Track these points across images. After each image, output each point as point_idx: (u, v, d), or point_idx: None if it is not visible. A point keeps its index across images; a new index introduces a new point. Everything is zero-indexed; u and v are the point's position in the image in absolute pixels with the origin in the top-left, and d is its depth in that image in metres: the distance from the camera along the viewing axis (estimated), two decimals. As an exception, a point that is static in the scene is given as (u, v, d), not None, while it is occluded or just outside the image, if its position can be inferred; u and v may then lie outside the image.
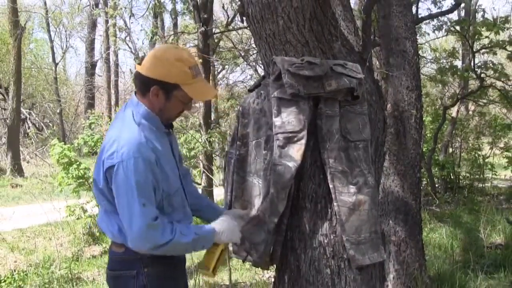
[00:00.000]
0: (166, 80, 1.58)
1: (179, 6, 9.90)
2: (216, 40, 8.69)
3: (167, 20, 19.47)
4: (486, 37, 7.21)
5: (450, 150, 10.06)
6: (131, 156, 1.50)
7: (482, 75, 7.51)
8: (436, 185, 8.74)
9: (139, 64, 1.62)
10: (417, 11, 6.62)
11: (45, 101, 20.05)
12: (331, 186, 1.89)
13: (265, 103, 1.99)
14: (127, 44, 15.86)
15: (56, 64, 19.77)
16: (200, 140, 7.14)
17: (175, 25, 15.44)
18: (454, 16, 10.90)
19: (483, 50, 7.86)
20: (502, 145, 9.99)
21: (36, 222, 6.66)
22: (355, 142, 1.93)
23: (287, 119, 1.88)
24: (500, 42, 7.05)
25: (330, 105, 1.92)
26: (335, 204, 1.89)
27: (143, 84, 1.61)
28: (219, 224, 1.75)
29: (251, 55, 9.02)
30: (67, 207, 5.65)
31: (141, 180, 1.50)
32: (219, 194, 7.68)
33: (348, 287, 1.90)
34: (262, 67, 2.42)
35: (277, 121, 1.89)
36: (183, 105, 1.67)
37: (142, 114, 1.62)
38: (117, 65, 16.67)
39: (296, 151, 1.86)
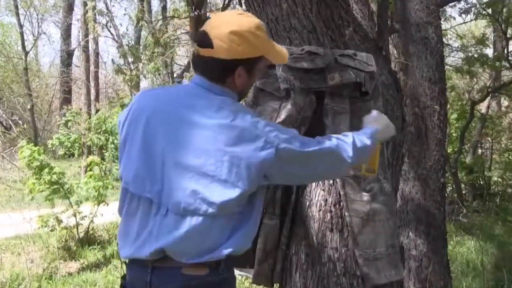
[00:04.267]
0: (252, 56, 1.52)
1: (169, -13, 9.92)
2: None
3: (155, 2, 19.53)
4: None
5: (479, 151, 10.06)
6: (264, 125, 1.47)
7: (517, 65, 7.52)
8: (463, 192, 8.74)
9: (204, 46, 1.50)
10: (441, -9, 6.61)
11: (13, 95, 20.05)
12: (342, 193, 1.90)
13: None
14: (109, 30, 15.85)
15: (27, 53, 19.75)
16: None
17: (163, 8, 15.45)
18: (484, -3, 10.89)
19: (518, 36, 7.86)
20: (539, 145, 10.00)
21: (3, 235, 6.65)
22: (368, 143, 1.94)
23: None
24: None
25: (337, 101, 1.93)
26: (346, 213, 1.90)
27: (224, 69, 1.51)
28: (376, 123, 1.76)
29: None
30: (39, 217, 5.64)
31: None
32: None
33: (361, 309, 1.91)
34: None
35: None
36: (259, 75, 1.67)
37: None
38: (97, 54, 16.64)
39: None
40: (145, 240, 1.46)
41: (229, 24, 1.50)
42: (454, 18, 9.67)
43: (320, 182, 1.97)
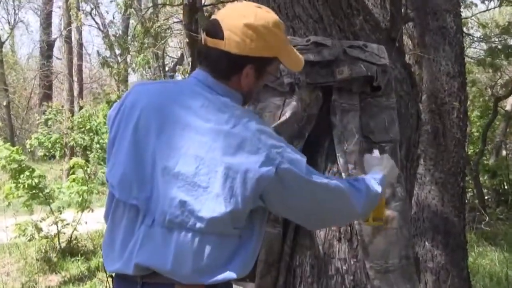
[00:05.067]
0: (265, 55, 1.50)
1: (159, -29, 9.95)
2: (206, 14, 8.71)
3: (144, -13, 19.53)
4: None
5: (504, 152, 10.07)
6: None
7: (545, 57, 7.52)
8: (486, 198, 8.75)
9: (213, 36, 1.47)
10: (461, -24, 6.61)
11: (-12, 90, 20.09)
12: (350, 198, 1.91)
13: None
14: (94, 19, 15.88)
15: (2, 44, 19.81)
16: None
17: (154, -6, 15.49)
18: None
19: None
20: None
21: (-23, 245, 6.67)
22: (379, 143, 1.95)
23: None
24: None
25: (346, 97, 1.93)
26: (355, 221, 1.91)
27: (231, 65, 1.48)
28: (381, 166, 1.76)
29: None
30: (16, 225, 5.66)
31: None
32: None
33: (372, 326, 1.91)
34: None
35: None
36: (269, 78, 1.66)
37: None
38: (81, 46, 16.68)
39: None
40: (131, 254, 1.44)
41: (245, 16, 1.47)
42: (476, 5, 9.67)
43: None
